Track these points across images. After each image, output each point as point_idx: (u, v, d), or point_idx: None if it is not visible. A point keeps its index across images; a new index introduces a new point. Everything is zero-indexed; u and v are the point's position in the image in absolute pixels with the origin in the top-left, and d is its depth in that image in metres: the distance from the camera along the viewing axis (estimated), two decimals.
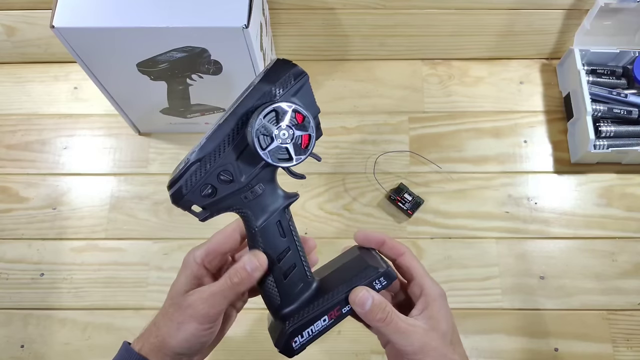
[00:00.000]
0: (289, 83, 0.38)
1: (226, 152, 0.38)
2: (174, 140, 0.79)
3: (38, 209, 0.75)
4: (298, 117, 0.37)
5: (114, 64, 0.61)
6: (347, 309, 0.42)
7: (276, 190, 0.41)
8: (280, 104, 0.36)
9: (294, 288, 0.42)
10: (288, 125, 0.37)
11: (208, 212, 0.40)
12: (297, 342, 0.41)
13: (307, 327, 0.41)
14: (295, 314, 0.41)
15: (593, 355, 0.68)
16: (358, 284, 0.41)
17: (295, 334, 0.41)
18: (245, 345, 0.69)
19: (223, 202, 0.39)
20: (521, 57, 0.84)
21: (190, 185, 0.38)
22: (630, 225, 0.74)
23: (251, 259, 0.40)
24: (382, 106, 0.81)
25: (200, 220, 0.40)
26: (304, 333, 0.41)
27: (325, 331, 0.42)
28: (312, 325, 0.41)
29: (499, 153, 0.78)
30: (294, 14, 0.77)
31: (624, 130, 0.74)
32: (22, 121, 0.81)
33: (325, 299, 0.41)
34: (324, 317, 0.41)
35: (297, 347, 0.41)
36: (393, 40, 0.81)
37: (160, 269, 0.72)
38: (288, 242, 0.42)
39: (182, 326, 0.40)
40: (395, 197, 0.73)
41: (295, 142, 0.38)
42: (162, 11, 0.55)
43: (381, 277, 0.42)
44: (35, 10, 0.76)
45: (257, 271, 0.40)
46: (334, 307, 0.41)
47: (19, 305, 0.71)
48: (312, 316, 0.41)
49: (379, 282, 0.42)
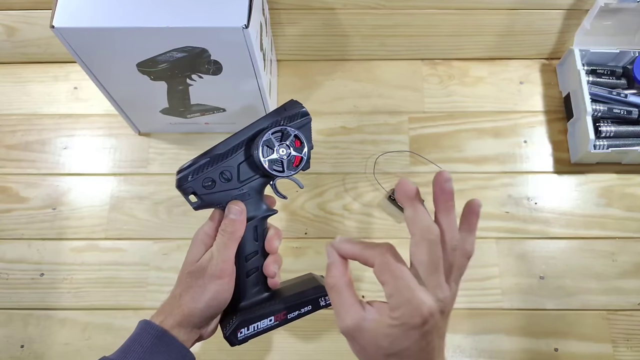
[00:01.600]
0: (295, 118, 0.48)
1: (233, 157, 0.47)
2: (174, 140, 0.79)
3: (38, 209, 0.75)
4: (297, 142, 0.47)
5: (114, 64, 0.61)
6: (292, 315, 0.48)
7: (261, 201, 0.49)
8: (287, 128, 0.47)
9: (252, 288, 0.48)
10: (287, 145, 0.47)
11: (200, 202, 0.47)
12: (242, 333, 0.47)
13: (253, 322, 0.47)
14: (247, 309, 0.48)
15: (593, 355, 0.68)
16: (306, 298, 0.49)
17: (241, 326, 0.47)
18: (244, 346, 0.68)
19: (217, 196, 0.47)
20: (521, 57, 0.84)
21: (196, 174, 0.46)
22: (630, 225, 0.74)
23: (231, 208, 0.46)
24: (382, 106, 0.81)
25: (194, 208, 0.47)
26: (250, 327, 0.47)
27: (268, 330, 0.48)
28: (259, 322, 0.47)
29: (499, 153, 0.78)
30: (294, 14, 0.77)
31: (624, 130, 0.74)
32: (22, 121, 0.81)
33: (275, 303, 0.48)
34: (270, 317, 0.47)
35: (241, 338, 0.47)
36: (393, 40, 0.81)
37: (160, 269, 0.72)
38: (258, 247, 0.48)
39: (205, 288, 0.45)
40: (395, 197, 0.73)
41: (290, 159, 0.47)
42: (162, 11, 0.55)
43: (327, 295, 0.47)
44: (35, 10, 0.76)
45: (241, 214, 0.46)
46: (280, 311, 0.48)
47: (19, 305, 0.71)
48: (260, 314, 0.47)
49: (324, 300, 0.49)
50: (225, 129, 0.77)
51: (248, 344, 0.69)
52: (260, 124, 0.47)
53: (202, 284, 0.45)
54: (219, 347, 0.68)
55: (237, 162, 0.47)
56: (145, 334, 0.44)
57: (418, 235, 0.36)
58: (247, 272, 0.48)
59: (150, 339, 0.44)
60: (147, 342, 0.44)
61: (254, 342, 0.68)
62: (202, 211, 0.75)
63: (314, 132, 0.79)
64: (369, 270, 0.72)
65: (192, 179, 0.46)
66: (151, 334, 0.44)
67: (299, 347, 0.68)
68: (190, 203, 0.47)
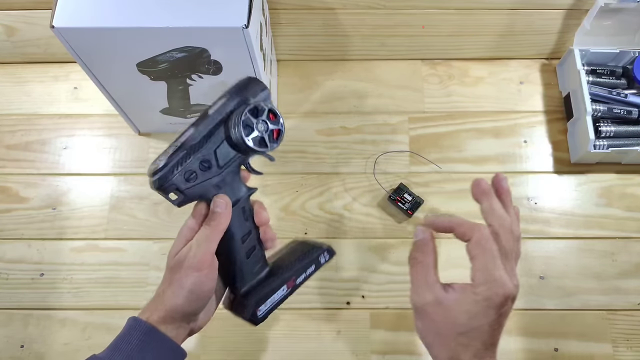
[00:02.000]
0: (258, 92, 0.47)
1: (208, 143, 0.45)
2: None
3: (38, 209, 0.75)
4: (271, 116, 0.46)
5: (114, 64, 0.61)
6: (300, 279, 0.51)
7: (239, 181, 0.48)
8: (260, 103, 0.45)
9: (254, 267, 0.49)
10: (264, 120, 0.46)
11: (184, 197, 0.45)
12: (261, 310, 0.48)
13: (269, 296, 0.48)
14: (257, 287, 0.49)
15: (593, 355, 0.68)
16: (308, 259, 0.51)
17: (259, 304, 0.48)
18: (244, 346, 0.69)
19: (199, 187, 0.45)
20: (521, 57, 0.84)
21: (177, 170, 0.44)
22: (630, 225, 0.74)
23: (217, 201, 0.46)
24: (382, 106, 0.81)
25: (177, 205, 0.46)
26: (267, 302, 0.48)
27: (282, 300, 0.50)
28: (273, 295, 0.49)
29: (499, 153, 0.78)
30: (294, 14, 0.77)
31: (623, 130, 0.74)
32: (22, 121, 0.81)
33: (281, 274, 0.50)
34: (282, 286, 0.49)
35: (261, 315, 0.48)
36: (393, 40, 0.81)
37: (160, 269, 0.72)
38: (250, 226, 0.49)
39: (183, 281, 0.44)
40: (395, 197, 0.73)
41: (269, 134, 0.46)
42: (162, 11, 0.55)
43: (324, 252, 0.53)
44: (35, 10, 0.76)
45: (227, 207, 0.46)
46: (289, 278, 0.50)
47: (19, 305, 0.71)
48: (272, 287, 0.49)
49: (323, 256, 0.52)
50: None
51: (247, 344, 0.69)
52: (228, 106, 0.45)
53: (179, 278, 0.44)
54: (220, 347, 0.68)
55: (213, 147, 0.45)
56: (133, 331, 0.44)
57: (496, 225, 0.41)
58: (247, 253, 0.48)
59: (139, 335, 0.43)
60: (135, 339, 0.43)
61: (254, 342, 0.68)
62: None
63: (313, 131, 0.79)
64: (368, 270, 0.72)
65: (174, 176, 0.44)
66: (139, 330, 0.44)
67: (299, 347, 0.68)
68: (171, 201, 0.45)
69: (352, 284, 0.71)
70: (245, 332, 0.69)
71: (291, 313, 0.70)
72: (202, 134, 0.45)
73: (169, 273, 0.46)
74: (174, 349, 0.45)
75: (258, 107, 0.45)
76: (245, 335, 0.69)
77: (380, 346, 0.68)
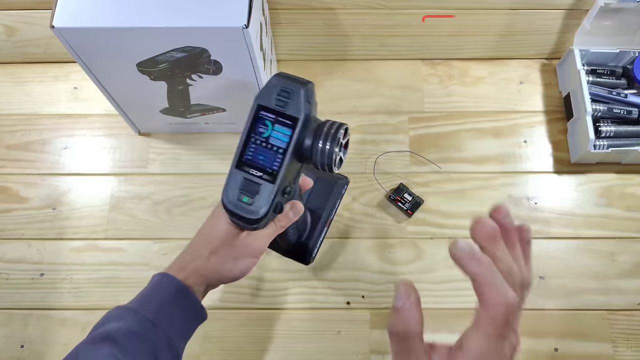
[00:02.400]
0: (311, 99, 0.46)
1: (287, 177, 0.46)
2: (174, 140, 0.79)
3: (38, 209, 0.75)
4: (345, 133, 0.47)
5: (114, 64, 0.61)
6: (332, 216, 0.66)
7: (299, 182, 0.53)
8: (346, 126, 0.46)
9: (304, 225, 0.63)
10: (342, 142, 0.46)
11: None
12: (315, 252, 0.64)
13: (317, 240, 0.64)
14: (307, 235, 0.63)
15: (593, 355, 0.68)
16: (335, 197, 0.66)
17: (313, 249, 0.64)
18: (244, 346, 0.69)
19: None
20: (521, 57, 0.84)
21: (271, 210, 0.45)
22: (630, 225, 0.74)
23: (296, 207, 0.50)
24: (382, 106, 0.81)
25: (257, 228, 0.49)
26: (317, 245, 0.64)
27: (324, 238, 0.66)
28: (320, 238, 0.65)
29: (499, 153, 0.78)
30: (294, 14, 0.77)
31: (623, 130, 0.74)
32: (22, 121, 0.81)
33: (320, 217, 0.64)
34: (324, 229, 0.65)
35: (315, 256, 0.65)
36: (393, 40, 0.81)
37: (160, 269, 0.72)
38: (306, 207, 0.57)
39: (239, 261, 0.49)
40: (395, 197, 0.73)
41: (343, 150, 0.47)
42: (162, 11, 0.55)
43: (345, 185, 0.67)
44: (35, 10, 0.76)
45: (297, 215, 0.50)
46: (327, 219, 0.65)
47: (19, 305, 0.71)
48: (319, 231, 0.64)
49: (344, 188, 0.68)
50: (225, 129, 0.77)
51: (246, 344, 0.70)
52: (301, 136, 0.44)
53: (237, 256, 0.49)
54: (220, 348, 0.68)
55: (291, 178, 0.47)
56: (164, 285, 0.47)
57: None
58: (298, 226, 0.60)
59: (170, 291, 0.46)
60: (167, 294, 0.46)
61: (252, 343, 0.68)
62: (201, 211, 0.75)
63: None
64: (368, 270, 0.72)
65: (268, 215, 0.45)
66: (170, 286, 0.47)
67: (299, 347, 0.68)
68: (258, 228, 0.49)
69: (352, 284, 0.71)
70: (246, 332, 0.69)
71: (291, 313, 0.70)
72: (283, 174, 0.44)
73: (222, 246, 0.48)
74: (199, 310, 0.49)
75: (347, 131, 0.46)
76: (246, 335, 0.69)
77: (380, 346, 0.68)
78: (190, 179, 0.76)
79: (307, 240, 0.64)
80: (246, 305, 0.70)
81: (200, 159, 0.77)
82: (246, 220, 0.45)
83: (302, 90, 0.43)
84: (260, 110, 0.44)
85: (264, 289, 0.71)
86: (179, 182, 0.76)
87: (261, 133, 0.44)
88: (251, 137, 0.44)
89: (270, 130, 0.44)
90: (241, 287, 0.71)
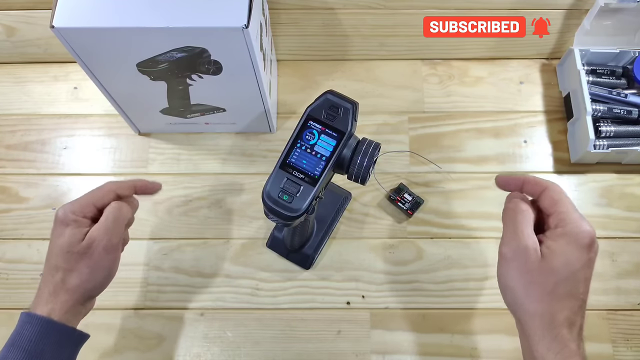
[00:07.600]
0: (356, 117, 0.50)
1: (324, 183, 0.50)
2: (174, 140, 0.79)
3: (38, 209, 0.75)
4: None
5: (114, 64, 0.61)
6: (334, 225, 0.72)
7: None
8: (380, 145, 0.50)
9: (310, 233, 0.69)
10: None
11: None
12: (315, 258, 0.70)
13: (319, 248, 0.71)
14: (311, 242, 0.70)
15: (593, 355, 0.68)
16: (340, 210, 0.72)
17: (314, 255, 0.70)
18: (244, 346, 0.69)
19: None
20: (521, 57, 0.84)
21: (307, 210, 0.49)
22: (630, 225, 0.74)
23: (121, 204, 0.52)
24: (382, 106, 0.81)
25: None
26: (318, 251, 0.71)
27: (324, 245, 0.71)
28: (321, 246, 0.71)
29: (499, 153, 0.78)
30: (294, 14, 0.77)
31: (623, 130, 0.74)
32: (22, 121, 0.81)
33: (324, 226, 0.71)
34: (326, 238, 0.71)
35: (314, 262, 0.71)
36: (393, 40, 0.81)
37: (160, 269, 0.72)
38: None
39: (96, 265, 0.48)
40: (395, 197, 0.73)
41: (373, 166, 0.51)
42: (162, 11, 0.55)
43: (348, 199, 0.74)
44: (35, 10, 0.76)
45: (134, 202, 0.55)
46: (330, 229, 0.71)
47: (19, 305, 0.71)
48: (321, 238, 0.71)
49: (347, 201, 0.74)
50: (225, 129, 0.77)
51: (247, 345, 0.69)
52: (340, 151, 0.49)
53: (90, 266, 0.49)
54: (220, 348, 0.68)
55: (323, 186, 0.50)
56: (27, 325, 0.46)
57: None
58: (304, 234, 0.67)
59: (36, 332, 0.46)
60: (32, 334, 0.46)
61: (254, 343, 0.69)
62: (201, 212, 0.75)
63: None
64: (368, 270, 0.72)
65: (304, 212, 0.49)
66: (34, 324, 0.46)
67: (299, 347, 0.68)
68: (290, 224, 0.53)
69: (352, 284, 0.71)
70: (245, 332, 0.69)
71: (291, 313, 0.70)
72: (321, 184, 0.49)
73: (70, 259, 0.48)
74: (73, 336, 0.47)
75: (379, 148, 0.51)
76: (245, 336, 0.69)
77: (380, 346, 0.68)
78: (190, 179, 0.76)
79: (310, 248, 0.70)
80: (246, 305, 0.70)
81: (200, 159, 0.77)
82: (284, 216, 0.48)
83: (350, 109, 0.49)
84: (310, 120, 0.49)
85: (264, 289, 0.71)
86: (179, 182, 0.76)
87: (308, 140, 0.49)
88: (297, 143, 0.49)
89: (316, 138, 0.49)
90: (241, 287, 0.71)
